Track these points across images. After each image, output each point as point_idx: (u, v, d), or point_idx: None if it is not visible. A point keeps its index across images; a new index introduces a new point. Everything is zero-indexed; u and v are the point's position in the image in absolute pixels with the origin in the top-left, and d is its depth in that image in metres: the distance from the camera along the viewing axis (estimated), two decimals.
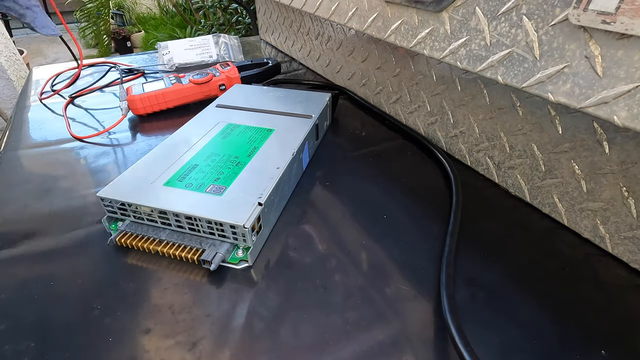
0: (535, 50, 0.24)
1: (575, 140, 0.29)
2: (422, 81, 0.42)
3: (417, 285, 0.27)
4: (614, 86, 0.20)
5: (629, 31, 0.19)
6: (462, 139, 0.40)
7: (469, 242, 0.30)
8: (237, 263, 0.28)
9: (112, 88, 0.59)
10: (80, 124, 0.48)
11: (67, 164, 0.41)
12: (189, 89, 0.52)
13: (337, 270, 0.28)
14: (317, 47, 0.62)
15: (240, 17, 1.75)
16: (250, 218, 0.27)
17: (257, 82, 0.57)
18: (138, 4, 3.55)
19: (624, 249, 0.28)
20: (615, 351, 0.22)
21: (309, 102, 0.45)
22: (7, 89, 1.83)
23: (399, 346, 0.23)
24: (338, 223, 0.32)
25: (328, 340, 0.23)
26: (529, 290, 0.26)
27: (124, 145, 0.44)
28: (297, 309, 0.25)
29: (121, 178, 0.31)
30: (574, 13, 0.21)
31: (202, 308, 0.25)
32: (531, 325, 0.24)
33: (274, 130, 0.39)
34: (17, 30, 3.69)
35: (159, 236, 0.29)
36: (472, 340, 0.22)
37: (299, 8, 0.49)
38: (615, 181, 0.27)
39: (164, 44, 0.70)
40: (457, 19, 0.28)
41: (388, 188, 0.37)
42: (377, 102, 0.52)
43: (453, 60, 0.29)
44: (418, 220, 0.33)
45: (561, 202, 0.31)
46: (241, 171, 0.32)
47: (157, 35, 2.99)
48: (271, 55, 0.76)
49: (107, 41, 2.82)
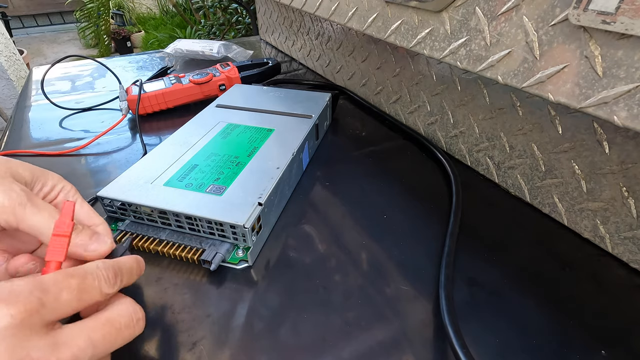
0: (535, 50, 0.24)
1: (575, 140, 0.29)
2: (422, 81, 0.42)
3: (417, 285, 0.27)
4: (614, 86, 0.20)
5: (629, 31, 0.19)
6: (462, 139, 0.40)
7: (469, 242, 0.30)
8: (237, 263, 0.28)
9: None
10: (80, 124, 0.48)
11: (67, 164, 0.41)
12: (189, 89, 0.52)
13: (337, 270, 0.28)
14: (317, 47, 0.62)
15: (240, 17, 1.74)
16: (250, 218, 0.27)
17: (257, 82, 0.57)
18: (138, 4, 3.55)
19: (624, 249, 0.28)
20: (615, 351, 0.22)
21: (309, 102, 0.45)
22: (7, 89, 1.83)
23: (398, 346, 0.23)
24: (338, 223, 0.32)
25: (328, 340, 0.23)
26: (528, 290, 0.26)
27: (124, 145, 0.44)
28: (297, 308, 0.25)
29: (121, 178, 0.31)
30: (574, 13, 0.21)
31: (202, 308, 0.25)
32: (531, 325, 0.24)
33: (274, 130, 0.39)
34: (17, 30, 3.69)
35: (159, 236, 0.29)
36: (471, 340, 0.22)
37: (299, 8, 0.49)
38: (615, 181, 0.27)
39: None
40: (457, 19, 0.28)
41: (388, 188, 0.37)
42: (377, 102, 0.52)
43: (453, 60, 0.29)
44: (418, 220, 0.33)
45: (561, 202, 0.31)
46: (241, 171, 0.32)
47: (157, 35, 2.99)
48: (271, 55, 0.76)
49: (107, 41, 2.82)
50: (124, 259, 0.21)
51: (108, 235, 0.23)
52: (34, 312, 0.15)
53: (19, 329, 0.14)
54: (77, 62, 0.71)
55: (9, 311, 0.14)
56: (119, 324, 0.17)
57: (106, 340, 0.17)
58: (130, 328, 0.18)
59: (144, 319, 0.19)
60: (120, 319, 0.18)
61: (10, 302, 0.14)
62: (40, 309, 0.15)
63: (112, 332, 0.17)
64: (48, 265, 0.18)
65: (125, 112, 0.48)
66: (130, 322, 0.18)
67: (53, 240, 0.18)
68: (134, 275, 0.21)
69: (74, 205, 0.20)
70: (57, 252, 0.18)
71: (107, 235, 0.23)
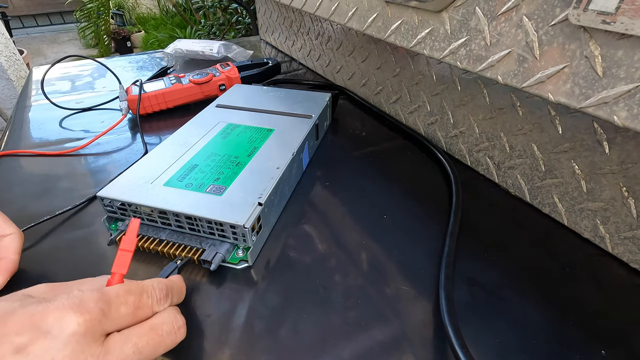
0: (535, 50, 0.24)
1: (575, 140, 0.29)
2: (422, 81, 0.42)
3: (417, 285, 0.27)
4: (614, 86, 0.20)
5: (629, 31, 0.19)
6: (462, 139, 0.40)
7: (469, 242, 0.30)
8: (237, 263, 0.28)
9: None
10: (80, 124, 0.48)
11: (67, 164, 0.41)
12: (189, 89, 0.52)
13: (337, 270, 0.28)
14: (317, 47, 0.62)
15: (240, 17, 1.74)
16: (250, 218, 0.27)
17: (257, 82, 0.57)
18: (138, 4, 3.55)
19: (624, 249, 0.28)
20: (615, 351, 0.22)
21: (309, 102, 0.45)
22: (7, 89, 1.83)
23: (398, 346, 0.23)
24: (338, 223, 0.32)
25: (328, 340, 0.23)
26: (528, 290, 0.26)
27: (124, 145, 0.44)
28: (297, 308, 0.25)
29: (121, 178, 0.31)
30: (574, 13, 0.21)
31: (202, 308, 0.25)
32: (531, 325, 0.24)
33: (274, 130, 0.39)
34: (17, 30, 3.69)
35: (159, 236, 0.29)
36: (472, 340, 0.22)
37: (299, 8, 0.49)
38: (615, 181, 0.27)
39: None
40: (457, 19, 0.28)
41: (388, 188, 0.37)
42: (377, 102, 0.52)
43: (453, 60, 0.29)
44: (418, 220, 0.33)
45: (561, 202, 0.31)
46: (241, 171, 0.32)
47: (157, 35, 2.99)
48: (271, 55, 0.76)
49: (107, 41, 2.82)
50: (175, 279, 0.23)
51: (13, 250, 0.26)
52: (96, 322, 0.16)
53: (83, 335, 0.15)
54: (77, 62, 0.71)
55: (77, 319, 0.16)
56: (162, 331, 0.19)
57: (150, 346, 0.18)
58: (172, 335, 0.19)
59: (185, 327, 0.20)
60: (163, 326, 0.19)
61: (79, 310, 0.16)
62: (102, 319, 0.16)
63: (155, 339, 0.18)
64: (113, 277, 0.20)
65: (125, 112, 0.48)
66: (172, 329, 0.19)
67: (119, 255, 0.20)
68: (182, 296, 0.23)
69: (139, 223, 0.22)
70: (122, 265, 0.20)
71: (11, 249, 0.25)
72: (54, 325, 0.15)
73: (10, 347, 0.14)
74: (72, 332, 0.15)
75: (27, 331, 0.15)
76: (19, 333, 0.15)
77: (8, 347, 0.14)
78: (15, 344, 0.15)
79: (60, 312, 0.16)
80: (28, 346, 0.15)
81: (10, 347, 0.14)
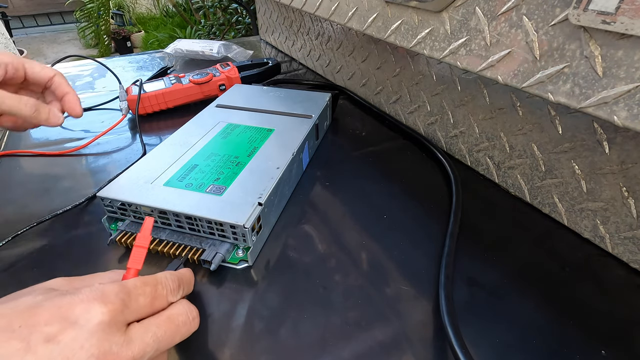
0: (535, 50, 0.24)
1: (575, 140, 0.29)
2: (422, 81, 0.42)
3: (417, 285, 0.27)
4: (614, 86, 0.20)
5: (629, 31, 0.19)
6: (462, 139, 0.40)
7: (469, 242, 0.30)
8: (237, 263, 0.28)
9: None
10: (80, 124, 0.48)
11: (67, 163, 0.41)
12: (189, 89, 0.52)
13: (337, 270, 0.28)
14: (317, 47, 0.62)
15: (240, 17, 1.75)
16: (250, 218, 0.27)
17: (257, 82, 0.57)
18: (138, 4, 3.55)
19: (624, 249, 0.28)
20: (615, 351, 0.22)
21: (309, 102, 0.45)
22: None
23: (398, 346, 0.23)
24: (338, 223, 0.32)
25: (328, 340, 0.23)
26: (528, 290, 0.26)
27: (124, 145, 0.44)
28: (297, 309, 0.25)
29: (121, 178, 0.31)
30: (574, 13, 0.21)
31: (202, 308, 0.25)
32: (531, 325, 0.24)
33: (274, 130, 0.39)
34: (17, 30, 3.69)
35: (159, 236, 0.29)
36: (472, 340, 0.22)
37: (299, 8, 0.49)
38: (615, 181, 0.27)
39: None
40: (457, 19, 0.28)
41: (388, 188, 0.37)
42: (377, 102, 0.52)
43: (453, 60, 0.29)
44: (418, 220, 0.33)
45: (561, 202, 0.31)
46: (241, 171, 0.32)
47: (157, 35, 2.99)
48: (271, 55, 0.76)
49: (107, 41, 2.82)
50: (184, 272, 0.23)
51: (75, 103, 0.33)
52: (118, 312, 0.17)
53: (108, 324, 0.16)
54: (77, 62, 0.71)
55: (101, 309, 0.17)
56: (177, 321, 0.20)
57: (168, 335, 0.19)
58: (187, 325, 0.20)
59: (198, 317, 0.21)
60: (179, 317, 0.20)
61: (103, 301, 0.17)
62: (124, 309, 0.17)
63: (172, 328, 0.19)
64: (128, 271, 0.21)
65: (125, 112, 0.48)
66: (187, 319, 0.20)
67: (134, 251, 0.21)
68: (191, 287, 0.24)
69: (152, 221, 0.23)
70: (137, 261, 0.21)
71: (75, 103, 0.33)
72: (81, 316, 0.16)
73: (41, 337, 0.15)
74: (98, 322, 0.16)
75: (56, 322, 0.16)
76: (49, 323, 0.16)
77: (39, 336, 0.15)
78: (45, 334, 0.15)
79: (86, 303, 0.17)
80: (58, 335, 0.15)
81: (41, 336, 0.15)
